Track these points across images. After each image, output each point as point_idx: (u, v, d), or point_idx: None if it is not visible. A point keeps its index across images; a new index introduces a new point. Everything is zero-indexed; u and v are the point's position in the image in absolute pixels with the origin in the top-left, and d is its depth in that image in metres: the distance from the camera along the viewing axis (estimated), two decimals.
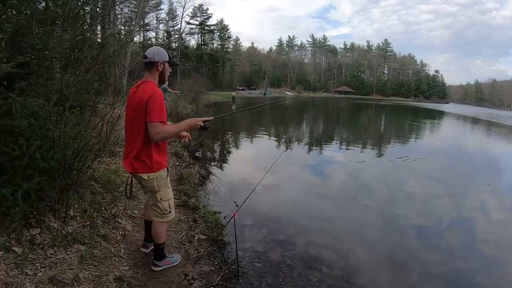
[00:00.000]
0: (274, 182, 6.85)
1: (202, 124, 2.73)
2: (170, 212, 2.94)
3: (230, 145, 12.52)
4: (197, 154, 8.90)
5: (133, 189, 5.03)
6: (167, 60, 2.82)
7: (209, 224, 4.11)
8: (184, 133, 3.13)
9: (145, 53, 2.80)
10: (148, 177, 2.73)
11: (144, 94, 2.57)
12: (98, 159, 5.06)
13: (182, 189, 5.20)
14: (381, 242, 4.80)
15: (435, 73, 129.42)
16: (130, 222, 3.90)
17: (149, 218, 3.13)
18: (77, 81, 3.99)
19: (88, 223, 3.41)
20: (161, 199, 2.86)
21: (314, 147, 13.32)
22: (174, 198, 5.06)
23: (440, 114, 46.40)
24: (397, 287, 3.76)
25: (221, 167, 8.35)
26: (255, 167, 9.04)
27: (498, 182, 9.15)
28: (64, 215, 3.31)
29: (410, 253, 4.51)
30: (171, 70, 3.02)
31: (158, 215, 2.91)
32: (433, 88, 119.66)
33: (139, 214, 4.14)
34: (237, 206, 5.14)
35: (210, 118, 2.80)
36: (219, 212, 4.75)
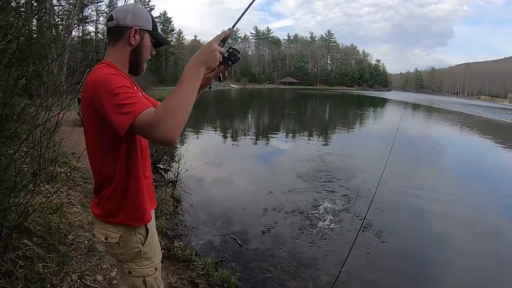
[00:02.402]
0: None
1: (225, 53, 1.34)
2: None
3: (190, 146, 10.90)
4: (160, 165, 7.29)
5: (88, 234, 3.51)
6: (150, 29, 1.45)
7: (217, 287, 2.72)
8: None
9: (111, 12, 1.42)
10: (106, 239, 1.49)
11: (85, 87, 1.32)
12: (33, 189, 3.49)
13: (158, 227, 3.69)
14: None
15: (377, 63, 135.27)
16: None
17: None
18: None
19: None
20: (129, 273, 1.56)
21: (264, 139, 13.38)
22: None
23: (385, 102, 48.03)
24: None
25: (195, 180, 6.42)
26: (235, 174, 7.67)
27: None
28: None
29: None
30: (154, 52, 1.54)
31: None
32: (375, 77, 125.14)
33: (105, 281, 2.65)
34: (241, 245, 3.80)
35: (227, 32, 1.32)
36: (222, 260, 3.35)
